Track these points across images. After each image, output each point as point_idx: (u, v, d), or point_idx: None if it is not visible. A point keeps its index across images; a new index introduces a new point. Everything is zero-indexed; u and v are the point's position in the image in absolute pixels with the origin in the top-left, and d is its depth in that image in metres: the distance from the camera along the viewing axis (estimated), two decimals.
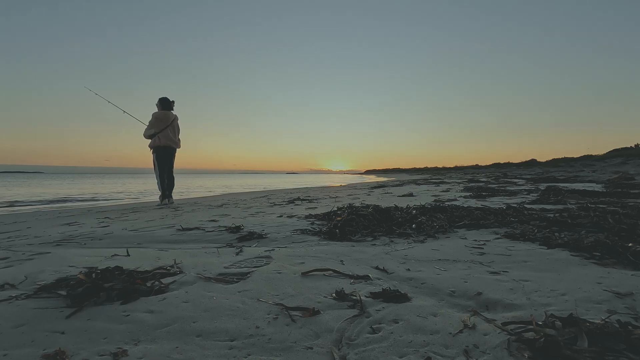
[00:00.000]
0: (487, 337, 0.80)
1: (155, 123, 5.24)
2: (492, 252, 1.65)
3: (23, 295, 1.11)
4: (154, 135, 5.24)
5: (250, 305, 1.01)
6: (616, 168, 15.90)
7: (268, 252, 1.72)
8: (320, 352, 0.76)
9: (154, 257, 1.64)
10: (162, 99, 5.38)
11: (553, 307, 0.96)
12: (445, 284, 1.19)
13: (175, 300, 1.06)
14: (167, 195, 5.37)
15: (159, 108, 5.40)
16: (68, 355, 0.75)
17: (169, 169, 5.39)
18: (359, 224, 2.31)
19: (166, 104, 5.41)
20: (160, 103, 5.40)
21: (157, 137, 5.24)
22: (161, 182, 5.33)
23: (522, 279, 1.23)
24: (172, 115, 5.36)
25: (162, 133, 5.23)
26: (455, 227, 2.32)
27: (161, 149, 5.26)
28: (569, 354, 0.67)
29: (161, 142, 5.24)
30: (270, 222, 2.77)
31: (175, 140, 5.42)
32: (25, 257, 1.69)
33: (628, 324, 0.79)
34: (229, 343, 0.81)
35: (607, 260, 1.45)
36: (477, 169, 46.00)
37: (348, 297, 1.06)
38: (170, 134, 5.32)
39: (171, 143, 5.33)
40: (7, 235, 2.55)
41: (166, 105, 5.40)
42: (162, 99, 5.38)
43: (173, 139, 5.36)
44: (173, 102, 5.46)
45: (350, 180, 28.12)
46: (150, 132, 5.25)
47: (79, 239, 2.25)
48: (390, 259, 1.55)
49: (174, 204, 5.39)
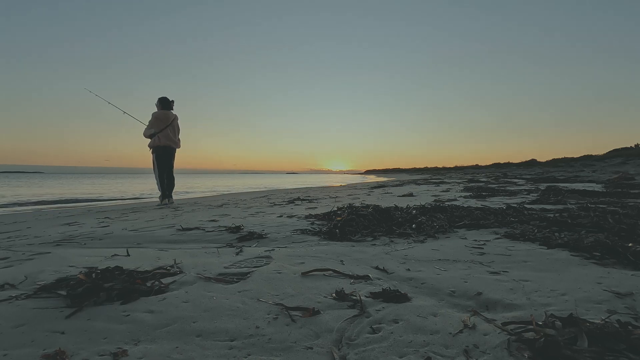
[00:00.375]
0: (487, 337, 0.80)
1: (155, 123, 5.22)
2: (492, 252, 1.65)
3: (23, 295, 1.11)
4: (154, 135, 5.21)
5: (250, 305, 1.01)
6: (616, 168, 15.89)
7: (268, 252, 1.72)
8: (320, 352, 0.76)
9: (154, 257, 1.64)
10: (162, 98, 5.36)
11: (553, 307, 0.96)
12: (445, 284, 1.19)
13: (175, 300, 1.06)
14: (167, 195, 5.34)
15: (159, 108, 5.38)
16: (68, 355, 0.75)
17: (168, 169, 5.37)
18: (359, 224, 2.31)
19: (166, 103, 5.38)
20: (160, 103, 5.37)
21: (157, 137, 5.21)
22: (161, 182, 5.31)
23: (522, 279, 1.23)
24: (172, 115, 5.34)
25: (162, 133, 5.21)
26: (455, 227, 2.32)
27: (161, 149, 5.24)
28: (569, 354, 0.67)
29: (161, 142, 5.22)
30: (270, 222, 2.77)
31: (175, 140, 5.39)
32: (25, 257, 1.69)
33: (628, 324, 0.79)
34: (229, 343, 0.81)
35: (607, 260, 1.45)
36: (477, 169, 46.00)
37: (348, 297, 1.06)
38: (170, 133, 5.29)
39: (171, 143, 5.31)
40: (7, 235, 2.55)
41: (166, 104, 5.38)
42: (162, 98, 5.36)
43: (173, 138, 5.33)
44: (173, 101, 5.43)
45: (350, 180, 28.11)
46: (150, 131, 5.22)
47: (79, 239, 2.25)
48: (390, 259, 1.55)
49: (174, 204, 5.38)
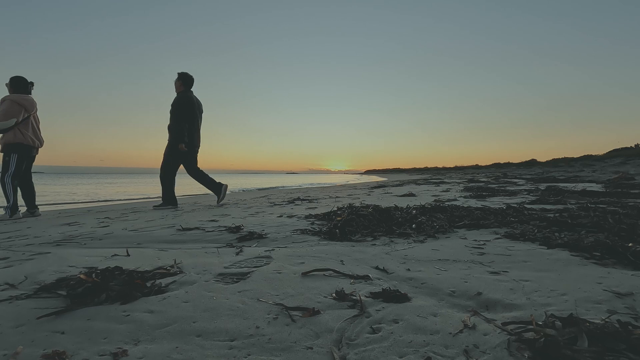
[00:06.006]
0: (487, 337, 0.80)
1: (13, 110, 3.95)
2: (492, 252, 1.65)
3: (23, 295, 1.11)
4: (13, 126, 3.97)
5: (250, 305, 1.01)
6: (616, 168, 15.89)
7: (268, 252, 1.72)
8: (320, 352, 0.76)
9: (154, 257, 1.64)
10: (16, 78, 4.11)
11: (553, 307, 0.96)
12: (445, 284, 1.19)
13: (175, 300, 1.06)
14: (31, 205, 4.27)
15: (11, 91, 4.09)
16: (68, 355, 0.74)
17: (28, 175, 4.29)
18: (359, 224, 2.31)
19: (22, 85, 4.12)
20: (13, 85, 4.09)
21: (19, 131, 3.99)
22: (14, 190, 4.02)
23: (522, 279, 1.23)
24: (34, 102, 4.15)
25: (24, 125, 4.04)
26: (455, 227, 2.32)
27: (26, 148, 4.09)
28: (569, 354, 0.67)
29: (25, 138, 4.03)
30: (270, 222, 2.77)
31: (41, 138, 4.30)
32: (25, 257, 1.69)
33: (628, 324, 0.79)
34: (229, 343, 0.80)
35: (607, 260, 1.45)
36: (477, 169, 46.01)
37: (348, 297, 1.06)
38: (36, 127, 4.20)
39: (37, 141, 4.20)
40: (7, 235, 2.55)
41: (22, 87, 4.11)
42: (16, 78, 4.11)
43: (39, 135, 4.26)
44: (32, 83, 4.22)
45: (350, 180, 28.12)
46: (8, 122, 3.93)
47: (79, 239, 2.25)
48: (390, 259, 1.55)
49: (40, 216, 4.29)
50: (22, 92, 4.08)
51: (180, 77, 4.67)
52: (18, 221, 3.61)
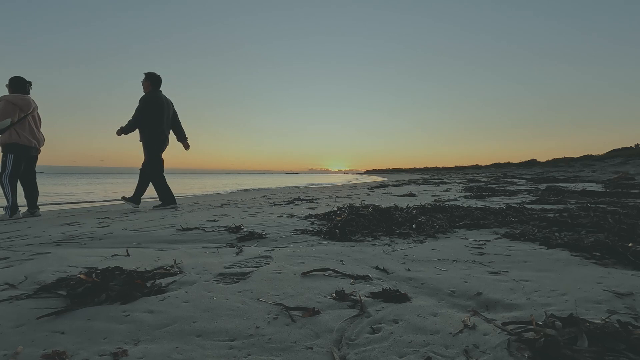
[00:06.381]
0: (487, 337, 0.80)
1: (9, 110, 3.94)
2: (492, 252, 1.65)
3: (23, 295, 1.11)
4: (9, 127, 3.96)
5: (250, 305, 1.01)
6: (616, 168, 15.89)
7: (268, 252, 1.72)
8: (320, 352, 0.76)
9: (154, 257, 1.64)
10: (15, 78, 4.10)
11: (553, 307, 0.96)
12: (445, 284, 1.19)
13: (175, 300, 1.06)
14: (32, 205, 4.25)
15: (10, 91, 4.09)
16: (68, 355, 0.74)
17: (31, 176, 4.25)
18: (359, 224, 2.31)
19: (20, 85, 4.10)
20: (12, 85, 4.08)
21: (15, 132, 3.98)
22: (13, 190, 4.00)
23: (522, 279, 1.23)
24: (33, 101, 4.13)
25: (21, 125, 4.01)
26: (455, 227, 2.32)
27: (23, 148, 4.06)
28: (569, 354, 0.67)
29: (20, 138, 4.00)
30: (270, 222, 2.77)
31: (40, 138, 4.25)
32: (25, 257, 1.69)
33: (628, 324, 0.79)
34: (229, 343, 0.81)
35: (607, 260, 1.45)
36: (477, 169, 46.03)
37: (348, 297, 1.06)
38: (34, 127, 4.16)
39: (35, 142, 4.15)
40: (7, 235, 2.55)
41: (20, 87, 4.09)
42: (15, 78, 4.10)
43: (37, 135, 4.20)
44: (30, 82, 4.19)
45: (350, 180, 28.12)
46: (4, 123, 3.91)
47: (79, 239, 2.25)
48: (390, 259, 1.55)
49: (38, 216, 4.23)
50: (20, 92, 4.09)
51: (148, 77, 4.67)
52: (18, 221, 3.61)
